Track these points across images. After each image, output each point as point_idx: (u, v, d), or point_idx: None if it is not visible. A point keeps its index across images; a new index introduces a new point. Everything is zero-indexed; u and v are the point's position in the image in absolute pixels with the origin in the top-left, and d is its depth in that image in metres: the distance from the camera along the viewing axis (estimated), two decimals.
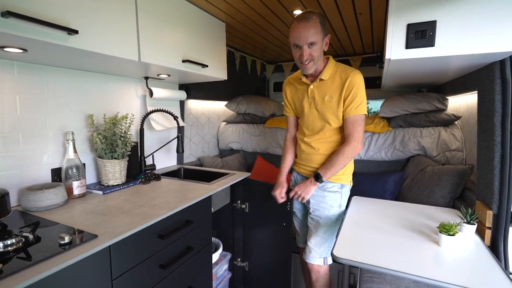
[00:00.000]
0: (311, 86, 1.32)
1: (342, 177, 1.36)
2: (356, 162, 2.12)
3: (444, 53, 1.01)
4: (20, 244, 0.81)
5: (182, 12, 1.45)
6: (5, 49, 0.90)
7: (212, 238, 1.61)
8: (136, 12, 1.16)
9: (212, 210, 1.46)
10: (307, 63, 1.23)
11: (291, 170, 1.56)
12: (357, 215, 1.33)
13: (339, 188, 1.36)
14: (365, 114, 1.27)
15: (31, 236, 0.84)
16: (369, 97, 3.16)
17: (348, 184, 1.39)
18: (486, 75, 1.17)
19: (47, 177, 1.26)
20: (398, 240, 1.08)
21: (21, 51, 0.94)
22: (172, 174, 1.84)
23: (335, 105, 1.27)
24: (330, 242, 1.35)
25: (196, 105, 2.28)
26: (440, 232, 1.02)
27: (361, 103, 1.24)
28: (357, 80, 1.23)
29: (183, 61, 1.43)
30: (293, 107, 1.47)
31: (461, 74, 1.48)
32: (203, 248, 1.37)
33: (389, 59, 1.09)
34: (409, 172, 1.84)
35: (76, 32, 0.89)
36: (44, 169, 1.25)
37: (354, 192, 1.87)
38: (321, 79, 1.29)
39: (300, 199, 1.35)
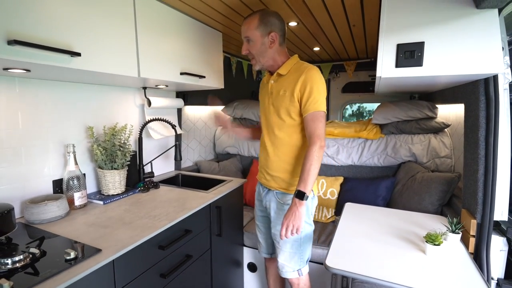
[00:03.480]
0: (272, 81, 1.29)
1: None
2: (350, 167, 2.18)
3: (431, 73, 1.06)
4: (28, 260, 0.84)
5: (180, 25, 1.48)
6: (9, 70, 0.93)
7: None
8: (135, 29, 1.19)
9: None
10: (250, 58, 1.27)
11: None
12: (350, 223, 1.39)
13: None
14: (324, 112, 1.17)
15: (37, 252, 0.88)
16: (364, 101, 3.26)
17: (309, 194, 1.18)
18: (471, 91, 1.23)
19: (48, 189, 1.29)
20: (387, 248, 1.14)
21: (24, 71, 0.97)
22: (170, 181, 1.88)
23: (287, 99, 1.21)
24: (300, 254, 1.30)
25: (193, 111, 2.32)
26: (426, 241, 1.08)
27: (319, 99, 1.16)
28: (313, 75, 1.16)
29: (181, 73, 1.47)
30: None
31: (450, 86, 1.54)
32: (202, 255, 1.41)
33: (380, 76, 1.14)
34: (400, 178, 1.91)
35: (78, 54, 0.92)
36: (45, 180, 1.28)
37: (348, 198, 1.94)
38: (279, 74, 1.25)
39: (295, 232, 1.13)
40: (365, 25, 1.70)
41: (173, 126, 1.68)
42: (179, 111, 2.09)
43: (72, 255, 0.86)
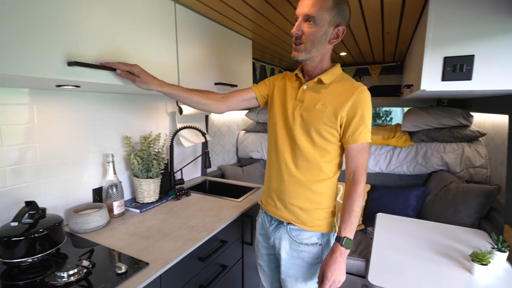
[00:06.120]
0: (305, 86, 1.01)
1: (323, 222, 1.01)
2: (377, 175, 2.14)
3: (481, 87, 1.02)
4: (82, 273, 0.87)
5: (214, 35, 1.48)
6: (62, 87, 0.96)
7: None
8: (176, 42, 1.21)
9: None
10: (296, 43, 0.95)
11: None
12: (385, 236, 1.36)
13: (318, 238, 1.02)
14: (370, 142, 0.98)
15: (90, 265, 0.90)
16: (389, 105, 3.19)
17: (333, 231, 1.05)
18: None
19: (88, 197, 1.33)
20: (429, 265, 1.11)
21: (74, 87, 0.99)
22: (198, 187, 1.90)
23: (326, 117, 0.95)
24: None
25: (217, 116, 2.33)
26: (472, 260, 1.05)
27: (369, 129, 0.96)
28: (366, 98, 0.95)
29: (216, 83, 1.47)
30: (266, 97, 1.15)
31: (490, 95, 1.49)
32: (234, 265, 1.42)
33: (424, 89, 1.11)
34: (432, 187, 1.86)
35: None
36: (85, 189, 1.31)
37: (377, 206, 1.91)
38: (319, 80, 0.99)
39: (338, 286, 0.95)
40: (400, 32, 1.66)
41: (203, 134, 1.69)
42: (206, 117, 2.10)
43: (123, 269, 0.88)
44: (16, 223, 0.87)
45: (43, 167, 1.13)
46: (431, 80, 1.09)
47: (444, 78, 1.06)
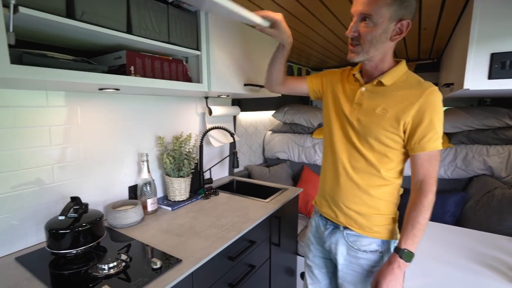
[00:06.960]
0: (363, 89, 0.95)
1: (382, 228, 0.96)
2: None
3: None
4: (120, 266, 0.92)
5: (244, 37, 1.49)
6: (104, 90, 1.02)
7: None
8: (207, 45, 1.23)
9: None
10: (353, 44, 0.89)
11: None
12: (421, 243, 1.29)
13: (378, 245, 0.96)
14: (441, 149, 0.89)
15: (127, 259, 0.95)
16: None
17: (395, 238, 0.98)
18: None
19: (123, 194, 1.40)
20: (471, 277, 1.04)
21: (114, 90, 1.05)
22: (226, 187, 1.93)
23: (387, 123, 0.88)
24: None
25: (245, 117, 2.35)
26: None
27: (440, 134, 0.86)
28: (436, 101, 0.84)
29: (245, 84, 1.49)
30: (318, 93, 1.13)
31: None
32: (262, 265, 1.43)
33: (468, 89, 1.04)
34: (473, 193, 1.74)
35: None
36: (122, 187, 1.38)
37: None
38: (379, 82, 0.91)
39: None
40: (438, 28, 1.57)
41: (232, 134, 1.71)
42: (234, 118, 2.13)
43: (158, 264, 0.91)
44: (63, 217, 0.94)
45: (85, 165, 1.21)
46: (476, 79, 1.02)
47: (491, 76, 0.99)
